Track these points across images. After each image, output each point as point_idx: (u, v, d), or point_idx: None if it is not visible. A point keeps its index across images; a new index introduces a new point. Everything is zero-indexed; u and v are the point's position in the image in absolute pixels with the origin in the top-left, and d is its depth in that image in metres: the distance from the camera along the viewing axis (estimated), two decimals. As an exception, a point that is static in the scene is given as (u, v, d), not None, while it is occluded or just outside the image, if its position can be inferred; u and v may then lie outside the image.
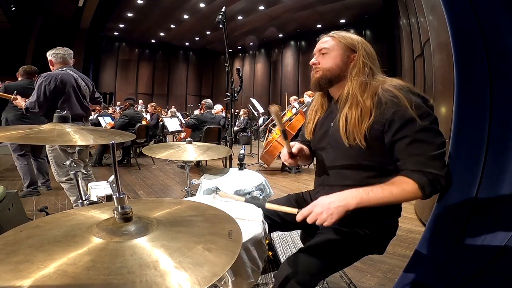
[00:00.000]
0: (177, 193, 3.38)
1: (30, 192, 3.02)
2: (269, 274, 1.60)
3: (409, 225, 2.41)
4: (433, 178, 0.79)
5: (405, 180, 0.80)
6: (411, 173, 0.80)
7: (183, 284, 0.41)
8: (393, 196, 0.79)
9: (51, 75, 2.19)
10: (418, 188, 0.78)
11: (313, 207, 0.80)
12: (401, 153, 0.84)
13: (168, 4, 10.62)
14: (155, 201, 0.78)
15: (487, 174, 1.03)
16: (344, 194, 0.80)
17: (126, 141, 3.70)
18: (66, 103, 2.24)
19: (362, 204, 0.79)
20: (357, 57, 0.93)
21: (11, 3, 7.81)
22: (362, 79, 0.91)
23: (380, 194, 0.79)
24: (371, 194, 0.79)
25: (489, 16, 0.97)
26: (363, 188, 0.81)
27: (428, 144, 0.80)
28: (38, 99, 2.13)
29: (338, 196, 0.81)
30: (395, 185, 0.80)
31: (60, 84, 2.20)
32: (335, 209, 0.78)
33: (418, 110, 0.81)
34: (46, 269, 0.42)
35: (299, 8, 10.33)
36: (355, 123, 0.88)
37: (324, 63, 0.97)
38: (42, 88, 2.13)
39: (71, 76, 2.29)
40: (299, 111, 4.48)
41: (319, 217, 0.78)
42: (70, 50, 2.39)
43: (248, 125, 8.45)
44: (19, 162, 2.98)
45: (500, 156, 1.00)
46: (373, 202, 0.79)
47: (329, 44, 0.96)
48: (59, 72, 2.24)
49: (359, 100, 0.89)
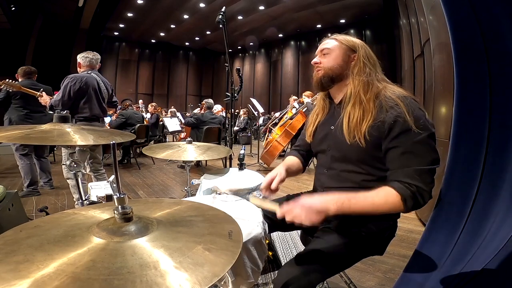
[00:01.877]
0: (177, 193, 3.38)
1: (30, 192, 3.02)
2: (269, 274, 1.60)
3: (409, 225, 2.41)
4: (417, 191, 0.78)
5: (389, 191, 0.80)
6: (396, 184, 0.80)
7: (184, 284, 0.41)
8: (374, 206, 0.80)
9: (77, 77, 2.34)
10: (401, 200, 0.78)
11: (294, 207, 0.80)
12: (392, 162, 0.84)
13: (168, 4, 10.61)
14: (155, 201, 0.78)
15: (487, 174, 1.04)
16: (326, 199, 0.81)
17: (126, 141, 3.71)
18: (87, 103, 2.41)
19: (342, 211, 0.79)
20: (358, 56, 0.95)
21: (11, 3, 7.80)
22: (364, 78, 0.92)
23: (362, 203, 0.80)
24: (352, 202, 0.80)
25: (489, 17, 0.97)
26: (346, 195, 0.81)
27: (420, 158, 0.80)
28: (63, 98, 2.27)
29: (319, 199, 0.81)
30: (379, 195, 0.81)
31: (84, 85, 2.36)
32: (315, 213, 0.78)
33: (417, 121, 0.81)
34: (46, 269, 0.41)
35: (299, 8, 10.33)
36: (357, 121, 0.89)
37: (325, 62, 0.99)
38: (68, 88, 2.28)
39: (94, 80, 2.46)
40: (299, 111, 4.48)
41: (297, 219, 0.78)
42: (98, 55, 2.56)
43: (248, 125, 8.45)
44: (21, 161, 3.00)
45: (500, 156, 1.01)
46: (354, 210, 0.80)
47: (331, 45, 0.99)
48: (84, 75, 2.40)
49: (362, 99, 0.90)
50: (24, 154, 3.00)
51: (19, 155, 2.98)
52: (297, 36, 13.67)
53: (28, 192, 3.01)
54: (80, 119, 2.39)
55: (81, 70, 2.49)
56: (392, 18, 7.96)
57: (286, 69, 14.23)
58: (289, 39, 14.02)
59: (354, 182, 0.94)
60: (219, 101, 6.78)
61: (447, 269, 1.05)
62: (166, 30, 13.69)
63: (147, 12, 11.33)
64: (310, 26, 12.12)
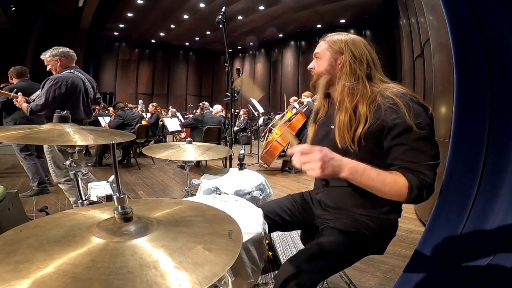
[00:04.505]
0: (177, 193, 3.38)
1: (40, 190, 3.03)
2: (269, 274, 1.60)
3: (409, 225, 2.41)
4: (425, 183, 0.78)
5: (399, 175, 0.80)
6: (406, 172, 0.80)
7: (184, 284, 0.41)
8: (383, 184, 0.79)
9: (61, 78, 2.11)
10: (407, 188, 0.78)
11: (314, 150, 0.76)
12: (396, 159, 0.84)
13: (168, 4, 10.62)
14: (155, 201, 0.78)
15: (487, 174, 1.04)
16: (344, 160, 0.79)
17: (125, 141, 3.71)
18: (71, 107, 2.15)
19: (353, 177, 0.78)
20: (343, 59, 0.93)
21: (11, 3, 7.80)
22: (349, 83, 0.91)
23: (374, 176, 0.79)
24: (366, 173, 0.79)
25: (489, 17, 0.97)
26: (364, 165, 0.80)
27: (424, 153, 0.80)
28: (46, 102, 2.06)
29: (340, 157, 0.79)
30: (391, 176, 0.80)
31: (71, 88, 2.15)
32: (330, 167, 0.76)
33: (417, 118, 0.80)
34: (46, 269, 0.41)
35: (299, 8, 10.33)
36: (344, 127, 0.90)
37: (317, 67, 0.99)
38: (52, 91, 2.07)
39: (80, 80, 2.24)
40: (299, 111, 4.48)
41: (311, 164, 0.75)
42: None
43: (248, 125, 8.45)
44: (27, 162, 2.99)
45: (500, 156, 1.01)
46: (364, 181, 0.79)
47: (321, 48, 0.98)
48: (69, 75, 2.17)
49: (347, 106, 0.90)
50: (28, 154, 2.99)
51: (23, 156, 2.97)
52: (297, 36, 13.68)
53: (38, 190, 3.02)
54: None
55: (61, 68, 2.22)
56: (392, 18, 7.96)
57: (286, 69, 14.23)
58: (289, 39, 14.03)
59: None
60: (219, 101, 6.79)
61: (447, 269, 1.05)
62: (166, 30, 13.70)
63: (147, 12, 11.34)
64: (310, 26, 12.12)
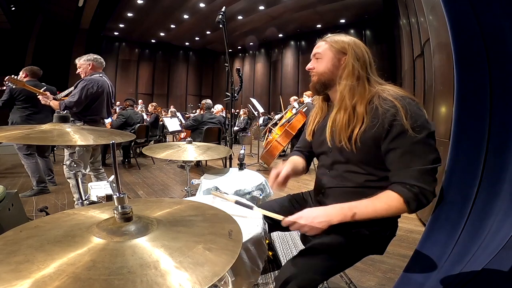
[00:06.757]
0: (177, 193, 3.38)
1: (40, 190, 3.04)
2: (269, 274, 1.60)
3: (409, 225, 2.41)
4: (420, 192, 0.78)
5: (391, 195, 0.81)
6: (398, 187, 0.81)
7: (184, 284, 0.41)
8: (377, 213, 0.81)
9: (93, 80, 2.39)
10: (403, 203, 0.79)
11: (298, 218, 0.84)
12: (392, 163, 0.84)
13: (168, 4, 10.61)
14: (155, 201, 0.78)
15: (487, 174, 1.04)
16: (329, 210, 0.84)
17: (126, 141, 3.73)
18: (98, 106, 2.46)
19: (346, 220, 0.82)
20: (347, 59, 0.93)
21: (11, 3, 7.79)
22: (350, 83, 0.91)
23: (364, 211, 0.82)
24: (355, 211, 0.82)
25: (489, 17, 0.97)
26: (348, 205, 0.83)
27: (420, 158, 0.80)
28: (80, 99, 2.31)
29: (323, 211, 0.84)
30: (381, 201, 0.81)
31: (100, 89, 2.43)
32: (318, 223, 0.81)
33: (415, 121, 0.80)
34: (46, 269, 0.41)
35: (299, 8, 10.32)
36: (341, 126, 0.90)
37: (317, 67, 0.99)
38: (85, 90, 2.33)
39: (106, 83, 2.53)
40: (299, 111, 4.48)
41: (302, 229, 0.83)
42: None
43: (248, 125, 8.45)
44: (26, 160, 3.00)
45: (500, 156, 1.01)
46: (357, 219, 0.82)
47: (322, 48, 0.98)
48: (99, 78, 2.46)
49: (347, 104, 0.90)
50: (28, 154, 3.00)
51: (23, 155, 2.99)
52: (297, 36, 13.66)
53: (38, 190, 3.03)
54: (87, 120, 2.40)
55: (91, 72, 2.48)
56: (392, 18, 7.95)
57: (286, 69, 14.22)
58: (289, 39, 14.01)
59: (357, 182, 0.94)
60: (219, 101, 6.78)
61: (447, 269, 1.05)
62: (166, 30, 13.68)
63: (147, 12, 11.33)
64: (310, 26, 12.11)
